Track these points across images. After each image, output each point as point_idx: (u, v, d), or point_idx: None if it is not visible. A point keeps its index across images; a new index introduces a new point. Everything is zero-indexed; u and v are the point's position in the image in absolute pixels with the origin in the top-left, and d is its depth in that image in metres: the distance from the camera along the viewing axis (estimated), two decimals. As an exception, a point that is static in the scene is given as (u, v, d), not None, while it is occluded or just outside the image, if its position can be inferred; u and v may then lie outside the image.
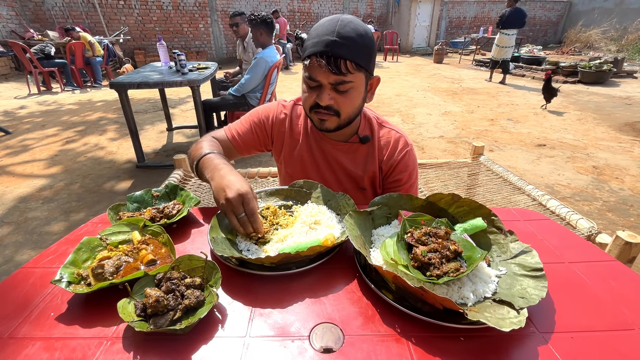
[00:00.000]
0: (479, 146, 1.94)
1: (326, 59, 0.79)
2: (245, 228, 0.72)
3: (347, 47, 0.79)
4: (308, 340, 0.53)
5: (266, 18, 3.09)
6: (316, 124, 0.93)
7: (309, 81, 0.86)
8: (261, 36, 3.17)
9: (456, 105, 5.69)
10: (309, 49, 0.83)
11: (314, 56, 0.81)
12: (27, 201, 2.77)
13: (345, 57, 0.80)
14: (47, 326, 0.56)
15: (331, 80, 0.82)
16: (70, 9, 8.58)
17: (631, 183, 3.08)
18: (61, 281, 0.59)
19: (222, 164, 0.84)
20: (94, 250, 0.68)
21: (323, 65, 0.80)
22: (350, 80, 0.83)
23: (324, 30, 0.81)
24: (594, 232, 1.20)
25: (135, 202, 0.90)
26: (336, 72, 0.80)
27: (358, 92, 0.87)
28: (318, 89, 0.86)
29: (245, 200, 0.73)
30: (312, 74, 0.84)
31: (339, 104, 0.86)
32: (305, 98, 0.90)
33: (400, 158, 1.01)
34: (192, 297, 0.57)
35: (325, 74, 0.81)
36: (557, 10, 14.32)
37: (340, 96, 0.85)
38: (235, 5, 10.19)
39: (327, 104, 0.85)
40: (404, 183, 1.03)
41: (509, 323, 0.51)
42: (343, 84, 0.83)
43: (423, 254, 0.62)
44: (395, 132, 1.04)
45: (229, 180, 0.76)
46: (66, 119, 4.88)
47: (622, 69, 7.95)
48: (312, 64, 0.82)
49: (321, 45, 0.80)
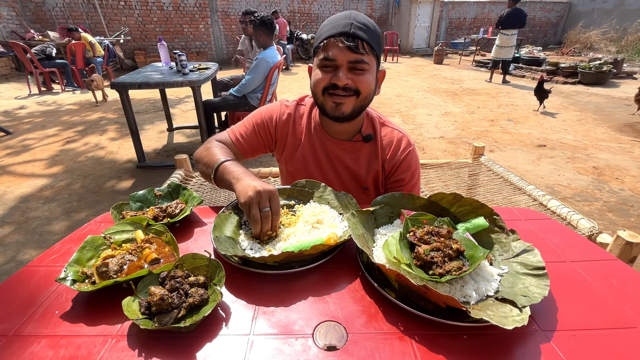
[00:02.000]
0: (480, 146, 1.94)
1: (345, 38, 0.83)
2: (265, 224, 0.73)
3: (364, 31, 0.85)
4: (312, 338, 0.54)
5: (266, 19, 3.10)
6: (329, 110, 0.92)
7: (325, 62, 0.87)
8: (261, 37, 3.18)
9: (456, 105, 5.69)
10: (325, 34, 0.87)
11: (332, 38, 0.85)
12: (28, 201, 2.78)
13: (362, 39, 0.84)
14: (52, 324, 0.56)
15: (350, 58, 0.85)
16: (70, 9, 8.58)
17: (631, 183, 3.08)
18: (66, 279, 0.60)
19: (246, 170, 0.85)
20: (97, 249, 0.68)
21: (343, 43, 0.83)
22: (367, 62, 0.86)
23: (338, 18, 0.87)
24: (595, 232, 1.21)
25: (138, 201, 0.90)
26: (355, 50, 0.83)
27: (372, 76, 0.90)
28: (334, 70, 0.88)
29: (273, 196, 0.75)
30: (331, 54, 0.86)
31: (356, 83, 0.88)
32: (319, 80, 0.90)
33: (403, 158, 1.02)
34: (196, 296, 0.57)
35: (345, 52, 0.84)
36: (557, 12, 14.34)
37: (357, 76, 0.87)
38: (236, 6, 10.20)
39: (345, 82, 0.86)
40: (407, 182, 1.03)
41: (512, 321, 0.51)
42: (361, 63, 0.86)
43: (426, 253, 0.62)
44: (398, 132, 1.05)
45: (257, 182, 0.77)
46: (66, 119, 4.89)
47: (622, 70, 7.96)
48: (330, 44, 0.85)
49: (339, 27, 0.84)
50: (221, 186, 0.89)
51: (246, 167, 0.89)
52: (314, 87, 0.93)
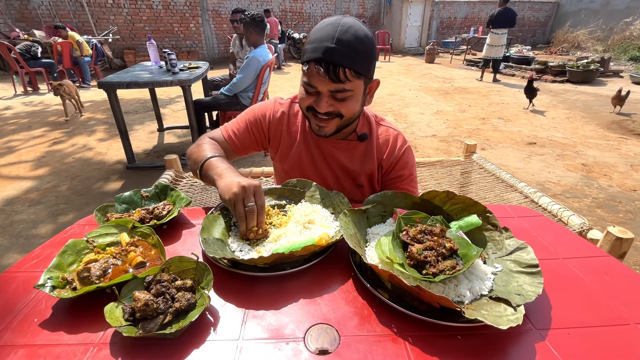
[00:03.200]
0: (472, 144, 1.94)
1: (325, 67, 0.78)
2: (251, 220, 0.71)
3: (347, 55, 0.77)
4: (303, 342, 0.52)
5: (256, 16, 3.07)
6: (314, 129, 0.92)
7: (307, 87, 0.85)
8: (252, 35, 3.15)
9: (448, 104, 5.73)
10: (308, 54, 0.82)
11: (313, 63, 0.80)
12: (13, 204, 2.70)
13: (344, 66, 0.78)
14: (30, 333, 0.54)
15: (330, 88, 0.81)
16: (57, 7, 8.39)
17: (619, 180, 3.13)
18: (45, 286, 0.57)
19: (230, 167, 0.84)
20: (80, 253, 0.66)
21: (322, 74, 0.78)
22: (349, 89, 0.82)
23: (323, 35, 0.79)
24: (585, 228, 1.22)
25: (124, 202, 0.87)
26: (335, 80, 0.79)
27: (356, 100, 0.86)
28: (316, 95, 0.85)
29: (257, 192, 0.73)
30: (311, 81, 0.82)
31: (338, 108, 0.85)
32: (302, 99, 0.89)
33: (401, 155, 1.02)
34: (183, 300, 0.55)
35: (324, 81, 0.80)
36: (545, 11, 14.54)
37: (339, 103, 0.84)
38: (227, 5, 10.11)
39: (325, 111, 0.84)
40: (406, 178, 1.04)
41: (507, 320, 0.50)
42: (342, 92, 0.82)
43: (419, 252, 0.61)
44: (393, 130, 1.06)
45: (240, 177, 0.76)
46: (53, 119, 4.78)
47: (608, 69, 8.12)
48: (311, 71, 0.81)
49: (320, 51, 0.78)
50: (206, 182, 0.89)
51: (234, 166, 0.87)
52: (299, 103, 0.92)
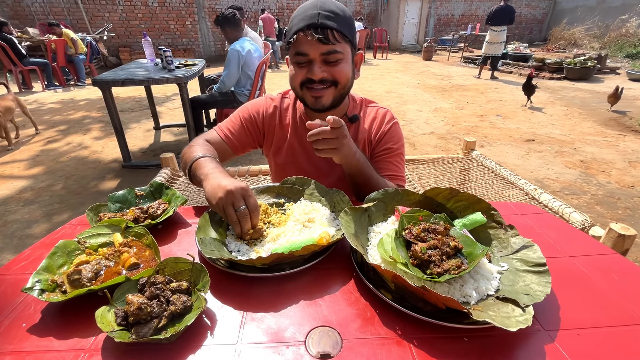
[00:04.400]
0: (471, 141, 1.93)
1: (313, 30, 0.80)
2: (244, 223, 0.69)
3: (332, 19, 0.81)
4: (304, 345, 0.50)
5: (227, 14, 3.11)
6: (310, 103, 0.91)
7: (298, 57, 0.86)
8: (229, 33, 3.20)
9: (446, 101, 5.71)
10: (294, 28, 0.84)
11: (300, 32, 0.81)
12: (6, 204, 2.66)
13: (332, 27, 0.81)
14: (17, 338, 0.51)
15: (322, 50, 0.82)
16: (51, 5, 8.29)
17: (617, 176, 3.13)
18: (33, 289, 0.55)
19: (217, 167, 0.81)
20: (70, 255, 0.63)
21: (312, 37, 0.80)
22: (340, 51, 0.83)
23: (305, 9, 0.83)
24: (587, 225, 1.20)
25: (117, 202, 0.85)
26: (326, 42, 0.81)
27: (347, 64, 0.88)
28: (308, 65, 0.85)
29: (247, 194, 0.70)
30: (302, 49, 0.83)
31: (332, 74, 0.86)
32: (294, 76, 0.89)
33: (388, 128, 1.04)
34: (178, 303, 0.53)
35: (315, 45, 0.81)
36: (542, 9, 14.55)
37: (332, 67, 0.85)
38: (223, 2, 10.03)
39: (320, 77, 0.85)
40: (394, 151, 1.03)
41: (515, 322, 0.48)
42: (334, 54, 0.83)
43: (423, 251, 0.59)
44: (382, 108, 1.07)
45: (226, 180, 0.73)
46: (48, 118, 4.72)
47: (605, 66, 8.13)
48: (300, 39, 0.83)
49: (307, 19, 0.81)
50: (196, 184, 0.86)
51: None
52: (291, 82, 0.93)
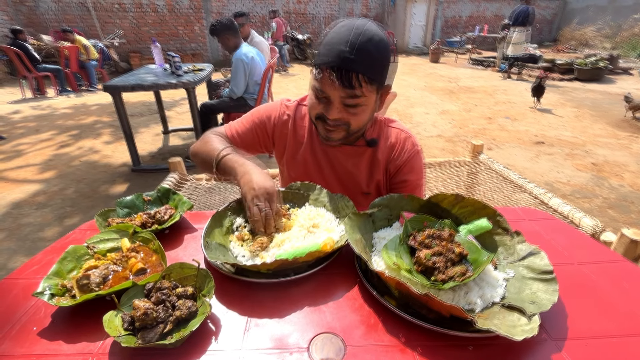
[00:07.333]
0: (479, 144, 1.91)
1: (337, 72, 0.76)
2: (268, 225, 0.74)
3: (360, 61, 0.75)
4: (307, 352, 0.50)
5: (226, 22, 3.08)
6: (321, 133, 0.90)
7: (317, 92, 0.83)
8: (229, 41, 3.14)
9: (453, 104, 5.67)
10: (321, 57, 0.79)
11: (325, 67, 0.77)
12: (20, 207, 2.72)
13: (357, 71, 0.75)
14: (29, 342, 0.52)
15: (342, 94, 0.79)
16: (64, 12, 8.50)
17: (631, 179, 3.06)
18: (43, 294, 0.56)
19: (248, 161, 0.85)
20: (80, 260, 0.65)
21: (334, 79, 0.76)
22: (361, 95, 0.79)
23: (339, 38, 0.76)
24: (598, 230, 1.18)
25: (125, 207, 0.86)
26: (346, 87, 0.77)
27: (367, 108, 0.84)
28: (326, 100, 0.82)
29: (271, 199, 0.76)
30: (322, 87, 0.80)
31: (348, 118, 0.83)
32: (312, 106, 0.86)
33: (407, 158, 0.98)
34: (184, 308, 0.54)
35: (336, 88, 0.78)
36: (551, 9, 14.36)
37: (349, 110, 0.82)
38: (231, 7, 10.14)
39: (335, 117, 0.82)
40: (412, 183, 0.99)
41: (521, 331, 0.48)
42: (353, 98, 0.80)
43: (427, 258, 0.59)
44: (403, 132, 1.01)
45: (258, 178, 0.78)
46: (60, 123, 4.82)
47: (617, 66, 7.98)
48: (323, 77, 0.78)
49: (333, 56, 0.76)
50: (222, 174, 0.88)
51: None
52: (308, 110, 0.91)
